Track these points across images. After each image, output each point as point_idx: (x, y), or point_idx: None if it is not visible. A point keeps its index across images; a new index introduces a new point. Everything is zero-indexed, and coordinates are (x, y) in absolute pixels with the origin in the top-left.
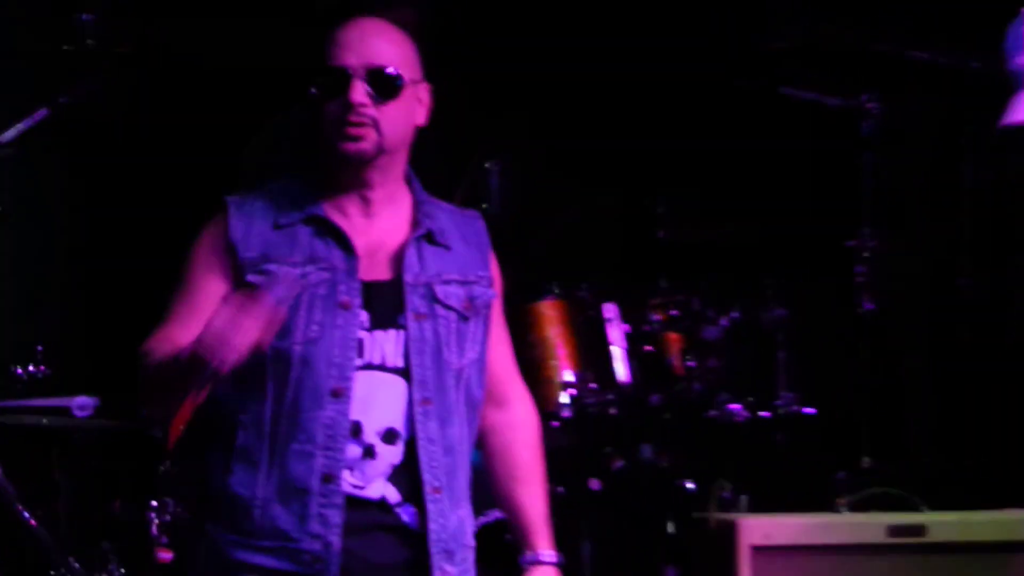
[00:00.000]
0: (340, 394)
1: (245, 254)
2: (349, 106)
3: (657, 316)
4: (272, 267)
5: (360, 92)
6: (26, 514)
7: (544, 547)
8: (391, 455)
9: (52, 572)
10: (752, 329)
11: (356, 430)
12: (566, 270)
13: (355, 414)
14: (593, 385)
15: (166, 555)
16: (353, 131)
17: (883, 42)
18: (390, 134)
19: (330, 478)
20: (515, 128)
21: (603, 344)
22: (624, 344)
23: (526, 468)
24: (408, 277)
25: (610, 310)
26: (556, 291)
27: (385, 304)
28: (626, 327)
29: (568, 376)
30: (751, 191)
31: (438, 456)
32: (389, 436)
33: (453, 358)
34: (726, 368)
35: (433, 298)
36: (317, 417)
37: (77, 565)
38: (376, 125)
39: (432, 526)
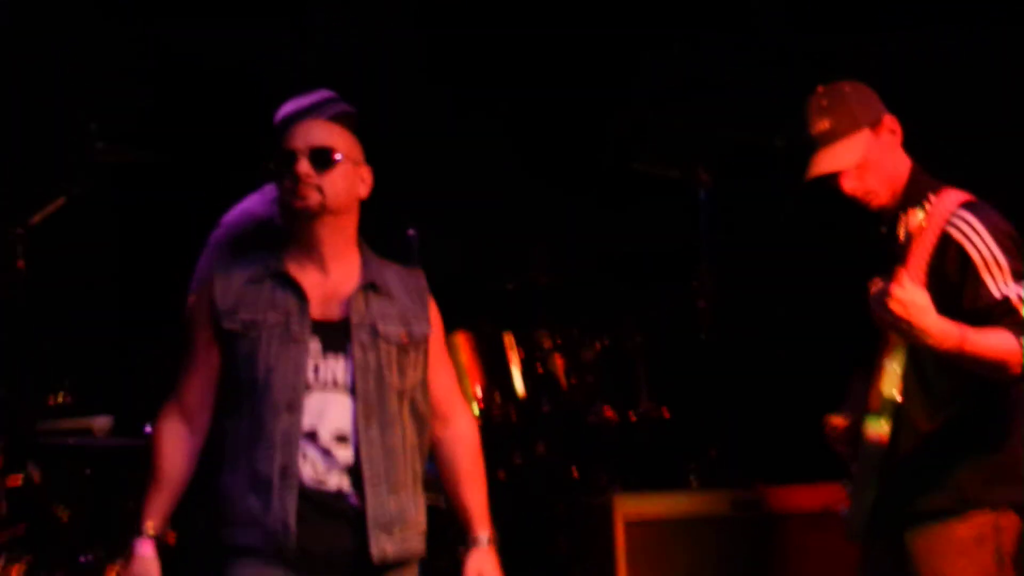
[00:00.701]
0: (293, 408)
1: (222, 306)
2: (296, 176)
3: (546, 343)
4: (244, 315)
5: (305, 165)
6: (58, 509)
7: (484, 531)
8: (344, 455)
9: (80, 556)
10: (618, 352)
11: (313, 435)
12: (473, 309)
13: (311, 423)
14: (496, 398)
15: (171, 540)
16: (301, 192)
17: (713, 127)
18: (331, 196)
19: (287, 471)
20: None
21: (504, 366)
22: (520, 366)
23: (467, 472)
24: (355, 318)
25: (508, 340)
26: (465, 324)
27: (336, 338)
28: (521, 352)
29: (478, 391)
30: (612, 245)
31: (377, 456)
32: (340, 439)
33: (395, 380)
34: (600, 383)
35: (375, 333)
36: (276, 426)
37: (98, 550)
38: (319, 190)
39: (370, 509)
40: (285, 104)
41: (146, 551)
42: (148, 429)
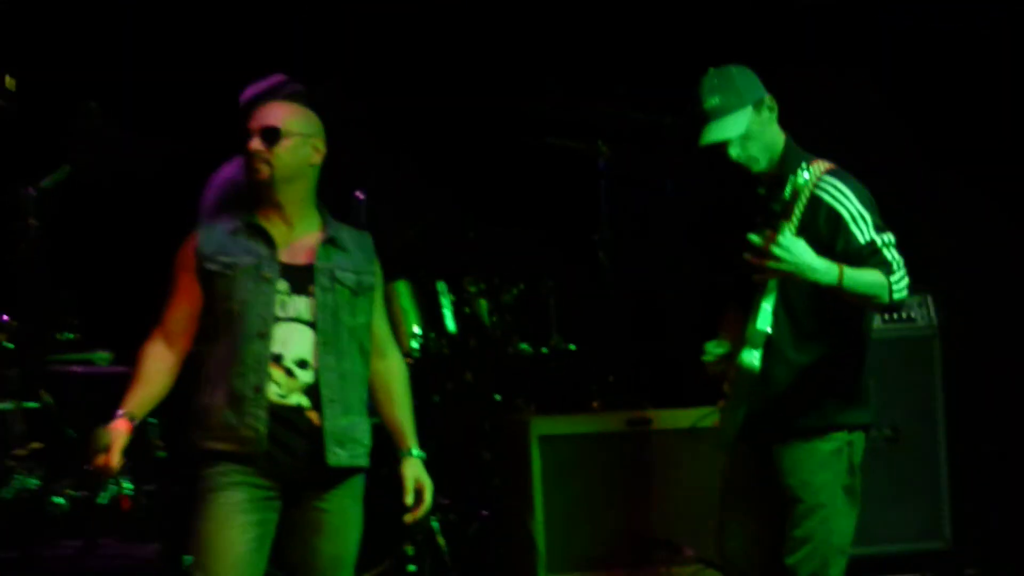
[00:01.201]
0: (264, 336)
1: (203, 250)
2: (250, 152)
3: (472, 288)
4: (223, 258)
5: (256, 143)
6: (68, 429)
7: (413, 446)
8: (304, 376)
9: (87, 466)
10: (533, 295)
11: (279, 359)
12: (412, 262)
13: (277, 349)
14: (432, 335)
15: (161, 452)
16: (254, 165)
17: (611, 106)
18: (279, 168)
19: (258, 388)
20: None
21: (438, 308)
22: (450, 307)
23: (399, 397)
24: (318, 263)
25: (441, 286)
26: (405, 274)
27: (301, 279)
28: (452, 296)
29: (416, 330)
30: (528, 205)
31: (333, 379)
32: (302, 363)
33: (347, 318)
34: (517, 321)
35: (333, 278)
36: (249, 350)
37: None
38: (268, 163)
39: (327, 424)
40: (247, 88)
41: (118, 424)
42: None
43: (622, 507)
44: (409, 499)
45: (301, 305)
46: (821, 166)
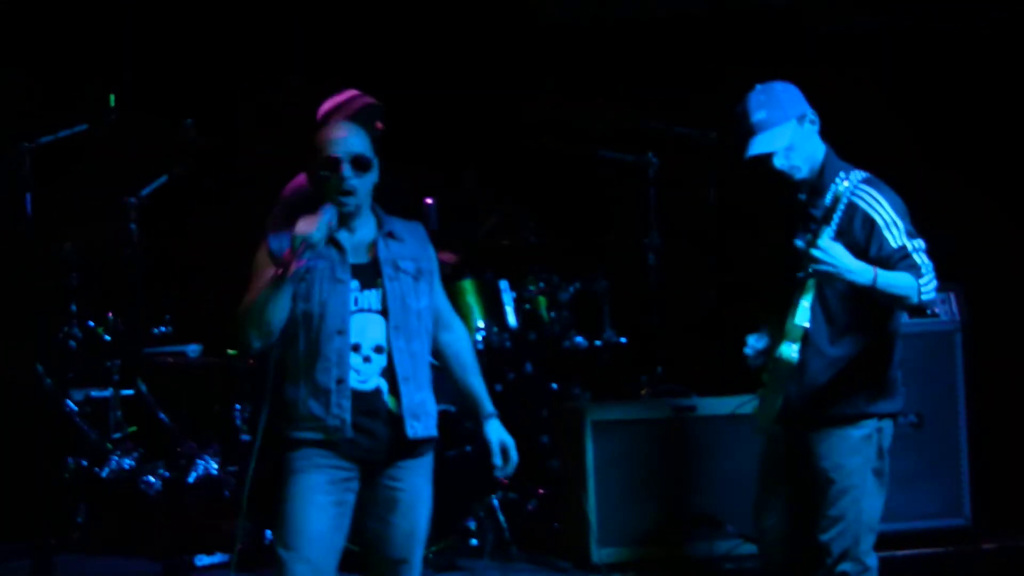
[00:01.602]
0: (343, 332)
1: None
2: (341, 179)
3: (532, 287)
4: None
5: (347, 169)
6: (161, 414)
7: (489, 406)
8: (380, 360)
9: (178, 448)
10: (588, 294)
11: (357, 348)
12: (478, 263)
13: (355, 339)
14: (495, 329)
15: (246, 436)
16: (344, 194)
17: (657, 122)
18: (364, 195)
19: (341, 381)
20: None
21: (500, 304)
22: (512, 304)
23: (470, 363)
24: (381, 256)
25: (503, 284)
26: (471, 274)
27: (369, 275)
28: (513, 294)
29: (480, 324)
30: (587, 215)
31: (405, 359)
32: (378, 349)
33: (412, 303)
34: (573, 317)
35: (396, 267)
36: (331, 347)
37: (193, 444)
38: (356, 192)
39: (404, 400)
40: (326, 102)
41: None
42: (229, 352)
43: (668, 487)
44: (498, 459)
45: (372, 297)
46: (859, 175)
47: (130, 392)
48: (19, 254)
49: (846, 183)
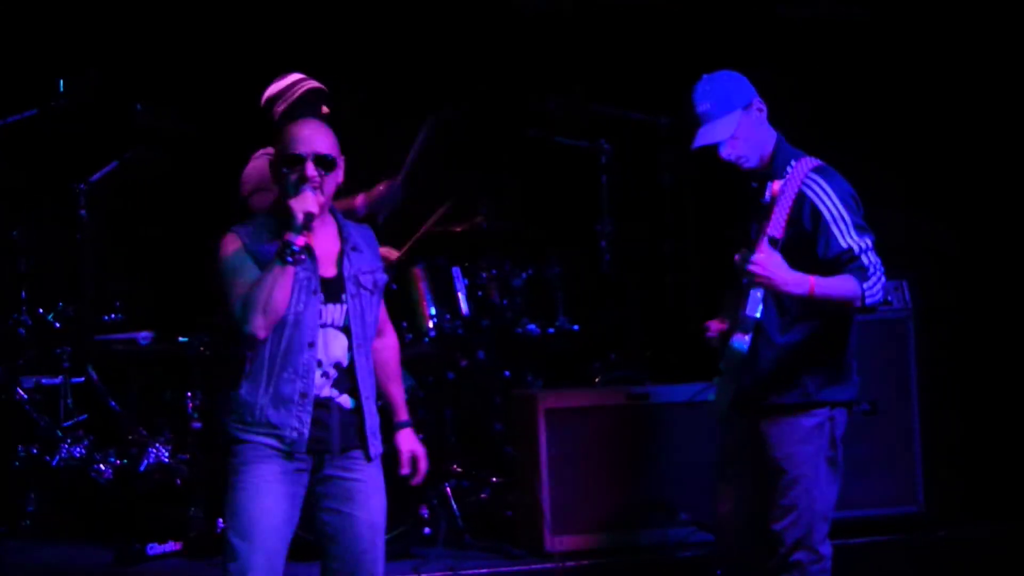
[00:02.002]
0: (312, 345)
1: (258, 258)
2: (303, 178)
3: (484, 274)
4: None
5: (311, 169)
6: (112, 402)
7: (405, 415)
8: (335, 375)
9: (129, 436)
10: (541, 281)
11: (319, 364)
12: (429, 249)
13: (319, 355)
14: (447, 316)
15: (197, 424)
16: (308, 195)
17: (610, 107)
18: (328, 194)
19: (305, 395)
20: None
21: (452, 291)
22: (464, 291)
23: (394, 371)
24: (346, 273)
25: (456, 271)
26: (423, 261)
27: (333, 289)
28: (466, 281)
29: (433, 311)
30: (538, 202)
31: (367, 377)
32: (337, 366)
33: (369, 318)
34: (526, 304)
35: (358, 284)
36: (300, 358)
37: (144, 431)
38: (321, 190)
39: (367, 419)
40: (272, 85)
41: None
42: (181, 340)
43: (622, 475)
44: (406, 469)
45: (335, 312)
46: (809, 163)
47: (80, 380)
48: None
49: (794, 173)
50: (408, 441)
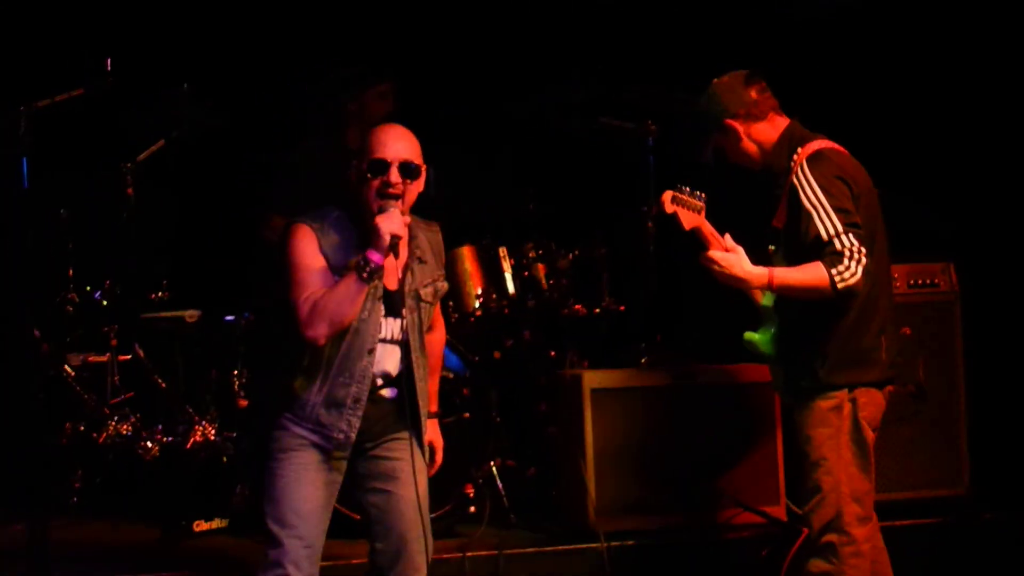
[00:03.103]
0: (372, 352)
1: (331, 259)
2: (388, 183)
3: (531, 254)
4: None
5: (396, 176)
6: (158, 380)
7: (434, 407)
8: (386, 391)
9: (175, 414)
10: (587, 261)
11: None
12: (477, 229)
13: (375, 367)
14: (493, 295)
15: (243, 403)
16: (390, 201)
17: (657, 87)
18: (409, 203)
19: (358, 400)
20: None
21: (499, 272)
22: (510, 271)
23: (436, 365)
24: (407, 288)
25: (503, 251)
26: (470, 241)
27: (394, 303)
28: (512, 261)
29: (479, 290)
30: (584, 179)
31: (423, 389)
32: (386, 377)
33: (426, 325)
34: (572, 284)
35: (418, 298)
36: (358, 365)
37: (190, 409)
38: (403, 198)
39: (417, 433)
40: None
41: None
42: (227, 319)
43: (667, 455)
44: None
45: (394, 327)
46: (804, 153)
47: (127, 357)
48: (16, 219)
49: (796, 163)
50: (432, 430)
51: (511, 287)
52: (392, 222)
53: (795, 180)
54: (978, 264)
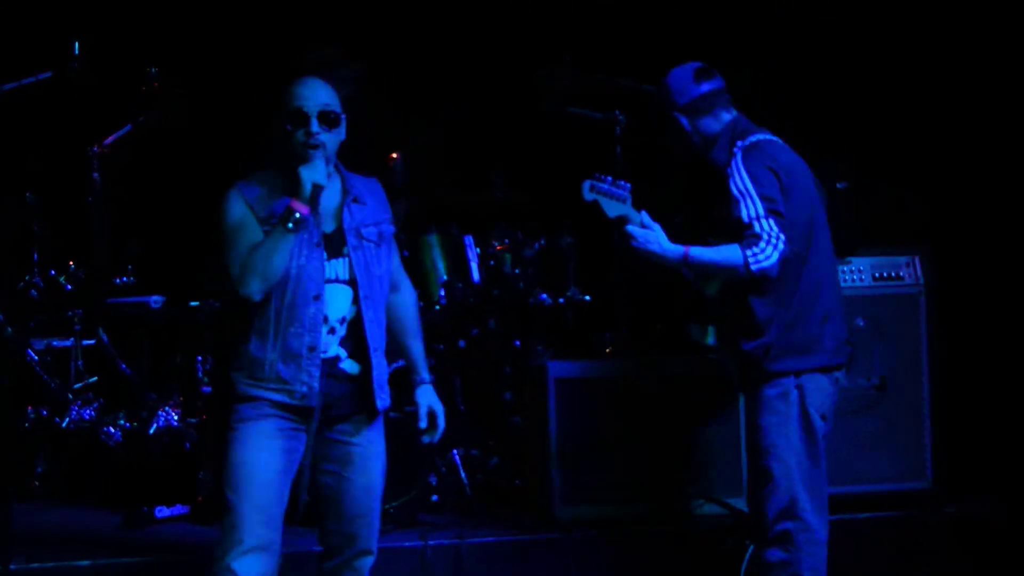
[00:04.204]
0: (318, 298)
1: (259, 215)
2: (309, 133)
3: (496, 243)
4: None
5: (315, 125)
6: (122, 365)
7: (425, 372)
8: (341, 331)
9: (139, 399)
10: (552, 251)
11: (326, 319)
12: (443, 217)
13: (325, 310)
14: (459, 284)
15: (207, 388)
16: (310, 148)
17: (624, 79)
18: (331, 150)
19: (313, 348)
20: (410, 132)
21: (464, 259)
22: (476, 259)
23: (412, 326)
24: (346, 226)
25: (468, 240)
26: (436, 229)
27: (334, 244)
28: (478, 249)
29: (444, 278)
30: (552, 171)
31: (375, 329)
32: (342, 320)
33: (375, 269)
34: (538, 274)
35: (359, 236)
36: (306, 312)
37: (154, 395)
38: (324, 145)
39: (374, 372)
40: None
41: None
42: (192, 305)
43: (632, 445)
44: (424, 423)
45: (339, 267)
46: (746, 142)
47: (91, 342)
48: None
49: (734, 155)
50: (427, 397)
51: (477, 276)
52: (314, 171)
53: (729, 170)
54: (952, 254)
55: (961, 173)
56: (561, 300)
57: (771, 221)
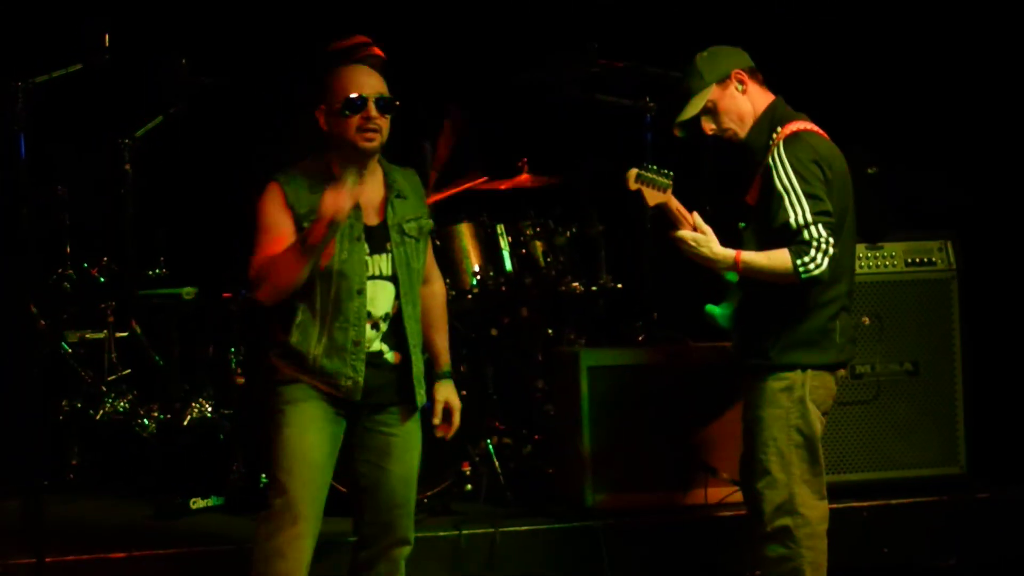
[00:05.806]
0: (361, 292)
1: (299, 211)
2: (368, 118)
3: (528, 231)
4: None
5: (373, 110)
6: (156, 357)
7: (447, 366)
8: (384, 326)
9: (172, 391)
10: (584, 238)
11: (369, 315)
12: (474, 206)
13: (368, 306)
14: (491, 272)
15: (240, 380)
16: (368, 134)
17: (655, 67)
18: (386, 137)
19: (358, 342)
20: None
21: (497, 248)
22: (509, 249)
23: (439, 319)
24: (389, 220)
25: (500, 228)
26: (467, 218)
27: (378, 239)
28: (510, 238)
29: (476, 267)
30: (581, 156)
31: (413, 325)
32: (385, 316)
33: (415, 264)
34: (570, 262)
35: (402, 232)
36: (350, 307)
37: (187, 387)
38: (381, 131)
39: (415, 369)
40: (333, 46)
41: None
42: (225, 296)
43: (664, 433)
44: (438, 419)
45: (382, 263)
46: (783, 132)
47: (125, 334)
48: (13, 195)
49: (775, 142)
50: (445, 392)
51: (508, 264)
52: (336, 197)
53: (771, 160)
54: (985, 238)
55: (993, 157)
56: (593, 288)
57: (819, 227)
